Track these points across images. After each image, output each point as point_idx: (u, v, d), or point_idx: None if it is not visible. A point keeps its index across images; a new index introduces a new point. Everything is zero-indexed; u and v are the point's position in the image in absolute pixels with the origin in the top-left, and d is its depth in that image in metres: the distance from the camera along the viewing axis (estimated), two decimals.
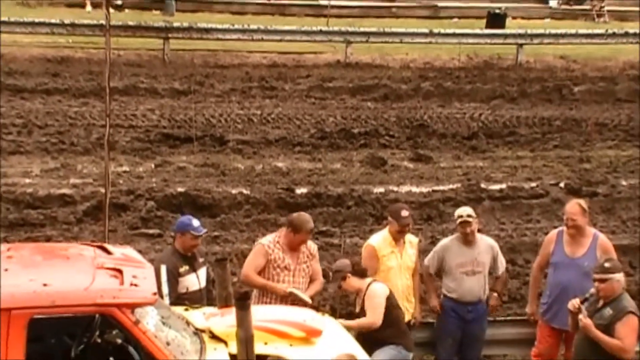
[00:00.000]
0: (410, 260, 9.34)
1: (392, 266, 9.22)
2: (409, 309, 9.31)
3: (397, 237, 9.24)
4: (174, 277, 8.75)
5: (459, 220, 9.27)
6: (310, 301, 9.01)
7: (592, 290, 8.14)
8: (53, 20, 22.97)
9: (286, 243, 9.04)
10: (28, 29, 22.66)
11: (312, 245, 9.29)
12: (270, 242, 9.10)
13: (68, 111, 18.67)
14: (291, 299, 8.92)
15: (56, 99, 19.40)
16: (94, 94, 19.42)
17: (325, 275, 9.51)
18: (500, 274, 9.57)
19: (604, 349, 7.90)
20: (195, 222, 9.02)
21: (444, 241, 9.63)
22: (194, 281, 8.93)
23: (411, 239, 9.45)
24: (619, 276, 8.01)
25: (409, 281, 9.34)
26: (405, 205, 9.85)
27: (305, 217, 9.23)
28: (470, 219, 9.28)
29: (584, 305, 8.15)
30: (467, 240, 9.30)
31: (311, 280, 9.19)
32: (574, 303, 8.16)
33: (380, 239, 9.33)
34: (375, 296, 8.76)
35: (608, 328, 7.92)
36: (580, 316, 8.02)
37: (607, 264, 8.07)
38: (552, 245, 9.34)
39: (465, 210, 9.45)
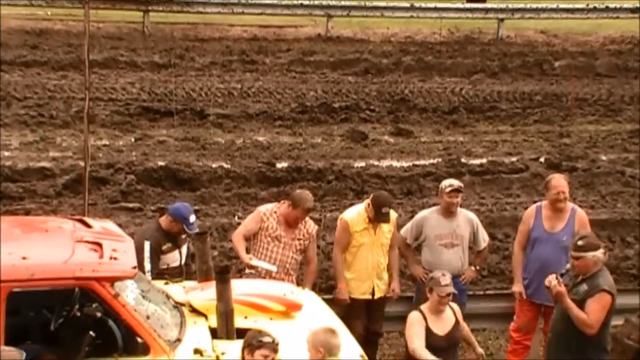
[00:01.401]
0: (385, 237, 9.30)
1: (364, 242, 9.21)
2: (379, 285, 9.32)
3: (371, 221, 9.20)
4: (156, 254, 8.74)
5: (449, 189, 9.24)
6: (275, 269, 8.99)
7: (568, 265, 8.19)
8: None
9: (283, 215, 9.07)
10: (6, 1, 22.36)
11: (312, 226, 9.26)
12: (268, 210, 9.16)
13: (47, 84, 18.54)
14: (251, 269, 8.93)
15: (35, 71, 19.25)
16: (73, 67, 19.28)
17: None
18: (481, 248, 9.58)
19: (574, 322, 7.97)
20: (192, 218, 8.90)
21: (423, 212, 9.63)
22: (175, 257, 8.94)
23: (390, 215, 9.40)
24: (592, 254, 8.02)
25: (382, 258, 9.31)
26: (388, 201, 9.43)
27: (306, 195, 9.23)
28: (460, 189, 9.30)
29: (561, 280, 8.19)
30: (449, 211, 9.30)
31: (306, 262, 9.21)
32: (549, 279, 8.21)
33: (355, 214, 9.31)
34: None
35: (582, 304, 7.98)
36: (554, 282, 8.04)
37: (580, 242, 8.09)
38: (531, 220, 9.37)
39: (455, 181, 9.47)
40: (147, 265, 8.59)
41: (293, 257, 9.10)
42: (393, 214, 9.51)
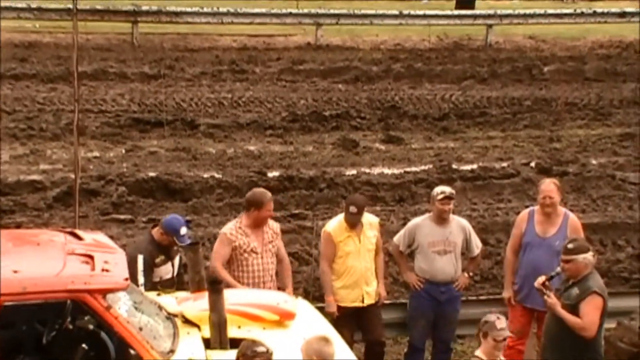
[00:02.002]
0: (370, 242, 9.29)
1: (350, 250, 9.20)
2: (368, 292, 9.31)
3: (349, 226, 9.21)
4: (149, 267, 8.72)
5: (441, 196, 9.24)
6: (289, 292, 9.01)
7: (558, 268, 8.21)
8: (19, 5, 22.73)
9: (250, 225, 9.01)
10: None
11: (274, 224, 9.28)
12: (232, 229, 9.06)
13: (36, 96, 18.52)
14: None
15: (24, 84, 19.23)
16: (62, 79, 19.26)
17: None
18: (475, 255, 9.58)
19: (569, 327, 7.98)
20: (183, 230, 8.85)
21: (416, 220, 9.64)
22: (168, 270, 8.91)
23: (371, 220, 9.41)
24: (583, 256, 8.05)
25: (368, 264, 9.32)
26: (360, 199, 9.59)
27: (259, 190, 9.34)
28: (452, 196, 9.31)
29: (551, 283, 8.22)
30: (442, 218, 9.31)
31: (278, 261, 9.18)
32: (539, 280, 8.24)
33: (336, 225, 9.31)
34: None
35: (575, 307, 8.00)
36: (545, 297, 8.09)
37: (570, 245, 8.12)
38: (523, 225, 9.38)
39: (447, 188, 9.48)
40: (141, 279, 8.56)
41: (272, 263, 9.11)
42: (374, 219, 9.50)
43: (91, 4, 22.87)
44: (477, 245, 9.55)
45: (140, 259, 8.65)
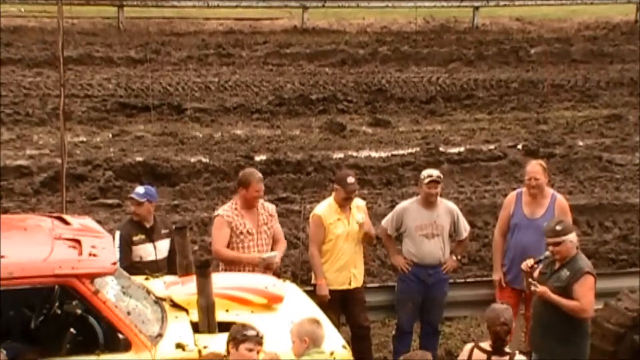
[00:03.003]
0: (358, 224, 9.27)
1: (339, 233, 9.20)
2: (356, 276, 9.31)
3: (344, 203, 9.20)
4: (126, 244, 8.79)
5: (428, 179, 9.24)
6: (279, 258, 9.02)
7: (547, 252, 8.19)
8: None
9: (243, 205, 9.02)
10: None
11: (269, 206, 9.29)
12: (227, 210, 9.08)
13: (22, 81, 18.45)
14: (264, 265, 8.92)
15: (10, 69, 19.15)
16: (48, 64, 19.19)
17: None
18: (463, 238, 9.59)
19: (562, 310, 7.98)
20: (141, 189, 9.07)
21: (403, 203, 9.63)
22: (149, 251, 8.90)
23: (358, 204, 9.39)
24: (571, 236, 8.06)
25: (357, 246, 9.33)
26: (350, 172, 9.77)
27: (248, 170, 9.35)
28: (439, 180, 9.32)
29: (538, 267, 8.21)
30: (429, 202, 9.31)
31: (274, 241, 9.19)
32: (527, 263, 8.23)
33: (325, 208, 9.30)
34: None
35: (566, 290, 7.98)
36: (532, 287, 8.08)
37: (558, 227, 8.09)
38: (511, 207, 9.39)
39: (434, 171, 9.47)
40: (117, 254, 8.55)
41: (267, 244, 9.11)
42: (361, 202, 9.51)
43: None
44: (465, 229, 9.56)
45: (117, 234, 8.77)
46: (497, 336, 7.25)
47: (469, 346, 7.43)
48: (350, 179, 9.18)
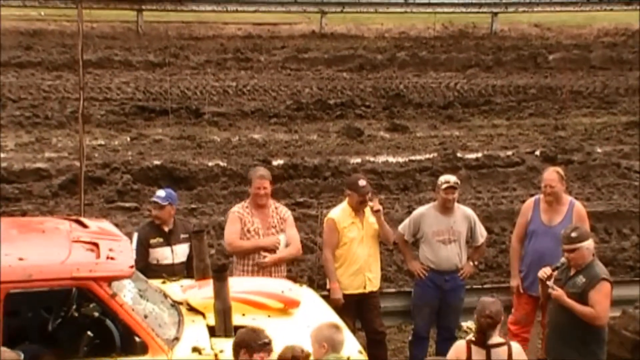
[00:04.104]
0: (372, 228, 9.30)
1: (354, 237, 9.21)
2: (371, 280, 9.32)
3: (359, 207, 9.22)
4: (142, 246, 8.81)
5: (445, 185, 9.25)
6: (282, 246, 9.06)
7: (563, 259, 8.17)
8: None
9: (251, 203, 9.13)
10: None
11: (283, 210, 9.31)
12: (239, 207, 9.24)
13: (42, 84, 18.53)
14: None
15: (29, 72, 19.24)
16: (67, 67, 19.25)
17: None
18: (479, 244, 9.58)
19: (578, 316, 7.95)
20: (162, 192, 9.12)
21: (420, 209, 9.64)
22: (166, 254, 8.93)
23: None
24: (587, 243, 8.03)
25: (372, 250, 9.33)
26: (361, 175, 9.82)
27: (255, 168, 9.58)
28: (456, 185, 9.31)
29: (555, 274, 8.19)
30: (446, 207, 9.31)
31: (286, 246, 9.20)
32: (544, 271, 8.21)
33: (339, 212, 9.32)
34: None
35: (582, 296, 7.96)
36: (550, 290, 8.06)
37: (573, 234, 8.07)
38: (529, 213, 9.38)
39: (452, 177, 9.48)
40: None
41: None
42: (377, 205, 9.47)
43: None
44: (481, 234, 9.55)
45: (134, 236, 8.82)
46: (480, 328, 7.39)
47: (462, 342, 7.52)
48: (362, 182, 9.22)
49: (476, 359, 7.34)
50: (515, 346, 7.40)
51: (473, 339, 7.42)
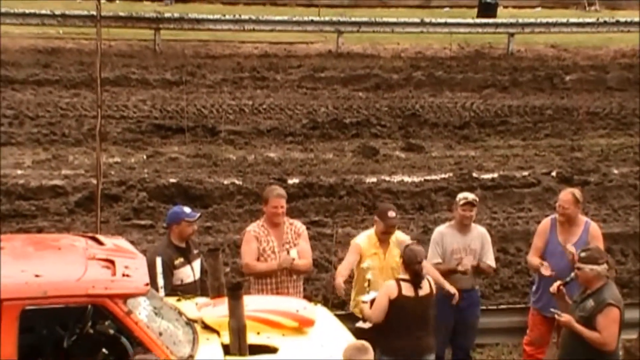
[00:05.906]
0: (395, 260, 9.12)
1: (374, 266, 9.11)
2: None
3: (382, 237, 9.17)
4: (169, 269, 8.74)
5: (463, 201, 9.22)
6: (294, 260, 9.05)
7: (573, 274, 8.19)
8: (43, 11, 22.84)
9: (267, 221, 9.13)
10: (19, 20, 22.57)
11: (298, 225, 9.33)
12: (255, 226, 9.24)
13: (59, 102, 18.63)
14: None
15: (47, 90, 19.35)
16: (85, 85, 19.36)
17: None
18: (485, 266, 9.41)
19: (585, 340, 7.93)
20: (187, 209, 9.07)
21: (439, 228, 9.58)
22: (188, 273, 8.92)
23: (400, 239, 9.23)
24: (591, 267, 7.96)
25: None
26: (392, 206, 9.60)
27: (270, 187, 9.51)
28: (475, 202, 9.28)
29: (567, 288, 8.24)
30: (463, 225, 9.28)
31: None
32: (554, 286, 8.21)
33: (365, 239, 9.27)
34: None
35: (590, 320, 7.93)
36: (557, 316, 8.06)
37: (583, 254, 8.07)
38: (545, 234, 9.36)
39: (470, 194, 9.45)
40: (161, 281, 8.58)
41: None
42: (404, 237, 9.39)
43: (114, 11, 23.02)
44: (491, 259, 9.45)
45: (158, 261, 8.68)
46: (416, 274, 8.33)
47: (392, 282, 8.40)
48: (392, 213, 9.13)
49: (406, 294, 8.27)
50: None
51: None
